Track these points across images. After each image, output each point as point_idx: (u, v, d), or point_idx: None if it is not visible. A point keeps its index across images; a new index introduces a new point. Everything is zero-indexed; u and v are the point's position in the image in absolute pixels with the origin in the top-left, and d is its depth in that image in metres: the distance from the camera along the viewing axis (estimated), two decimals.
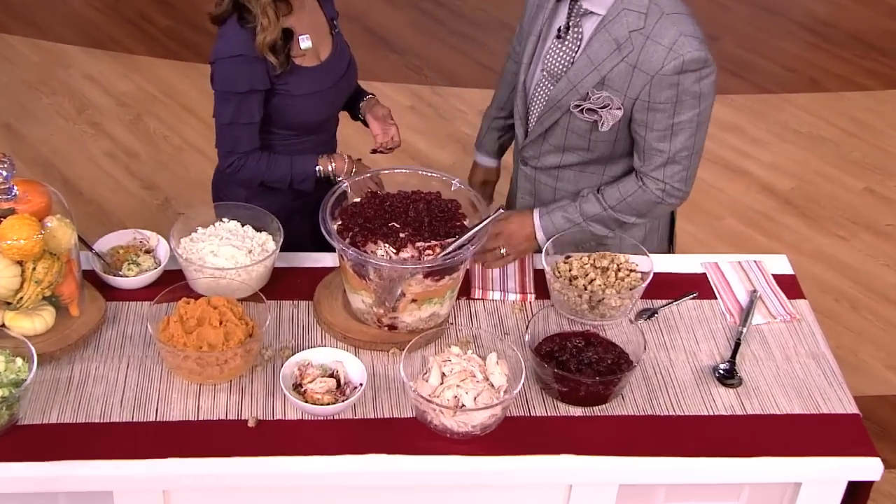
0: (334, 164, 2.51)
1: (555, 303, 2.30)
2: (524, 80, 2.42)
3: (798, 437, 2.08)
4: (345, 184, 2.29)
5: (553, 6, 2.35)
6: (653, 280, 2.30)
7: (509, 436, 2.04)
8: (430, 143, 4.68)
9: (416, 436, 2.03)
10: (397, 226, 2.20)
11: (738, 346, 2.27)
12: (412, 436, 2.03)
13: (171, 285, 2.19)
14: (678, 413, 2.12)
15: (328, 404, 2.04)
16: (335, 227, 2.20)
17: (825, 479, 2.07)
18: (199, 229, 2.37)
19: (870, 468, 2.05)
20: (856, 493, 2.11)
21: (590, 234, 2.39)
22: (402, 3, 5.75)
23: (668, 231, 2.63)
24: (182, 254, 2.29)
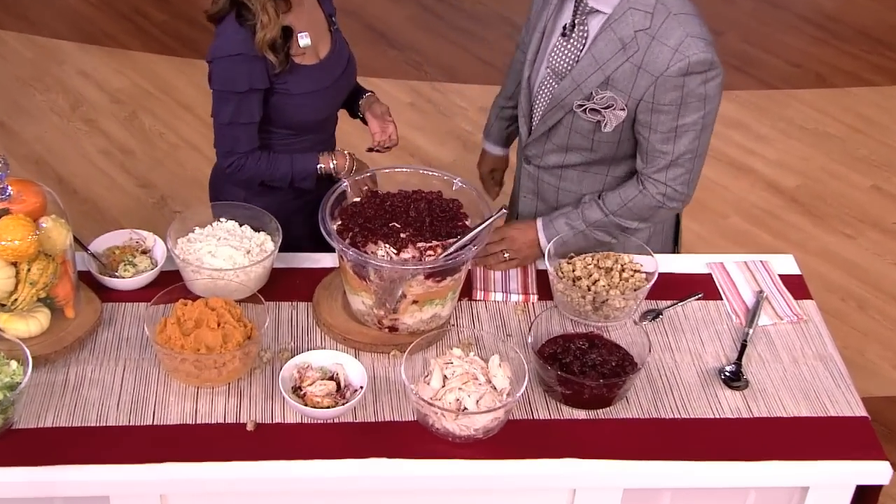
0: (335, 162, 2.51)
1: (558, 304, 2.30)
2: (529, 77, 2.42)
3: (805, 440, 2.08)
4: (344, 183, 2.29)
5: (558, 2, 2.34)
6: (657, 280, 2.30)
7: (512, 439, 2.04)
8: (429, 140, 4.68)
9: (418, 439, 2.03)
10: (398, 226, 2.20)
11: (744, 347, 2.27)
12: (413, 439, 2.03)
13: (168, 286, 2.19)
14: (683, 416, 2.12)
15: (328, 407, 2.04)
16: (335, 228, 2.20)
17: (833, 483, 2.07)
18: (197, 229, 2.37)
19: (879, 472, 2.05)
20: (864, 498, 2.11)
21: (594, 240, 2.39)
22: None
23: (674, 231, 2.63)
24: (179, 254, 2.29)
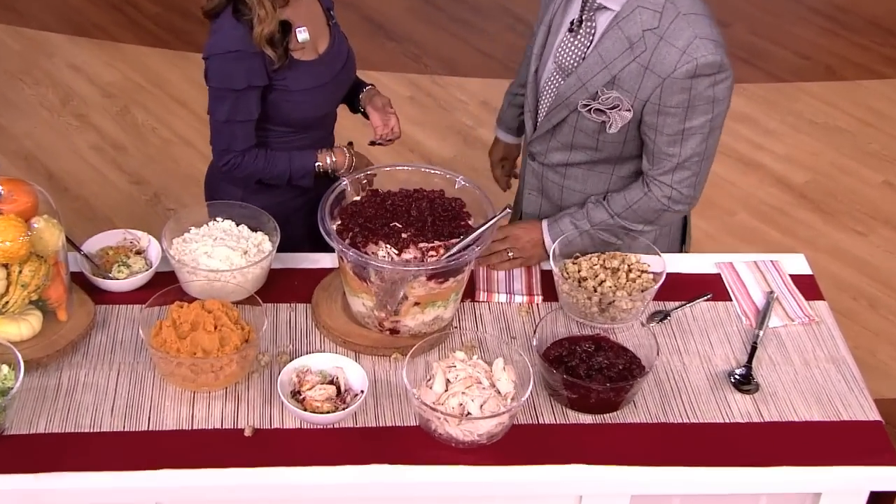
0: (334, 159, 2.51)
1: (563, 305, 2.30)
2: (535, 71, 2.42)
3: (817, 445, 2.08)
4: (344, 182, 2.28)
5: None
6: (665, 281, 2.29)
7: (517, 445, 2.04)
8: (429, 135, 4.68)
9: (420, 445, 2.03)
10: (399, 226, 2.20)
11: (754, 350, 2.26)
12: (415, 445, 2.03)
13: (164, 288, 2.19)
14: (692, 420, 2.11)
15: (328, 412, 2.04)
16: (334, 228, 2.19)
17: (846, 489, 2.08)
18: (192, 229, 2.36)
19: (893, 478, 2.05)
20: None
21: (599, 241, 2.39)
22: None
23: (681, 230, 2.63)
24: (174, 255, 2.29)
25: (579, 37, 2.30)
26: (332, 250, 2.29)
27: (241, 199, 2.45)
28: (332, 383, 2.10)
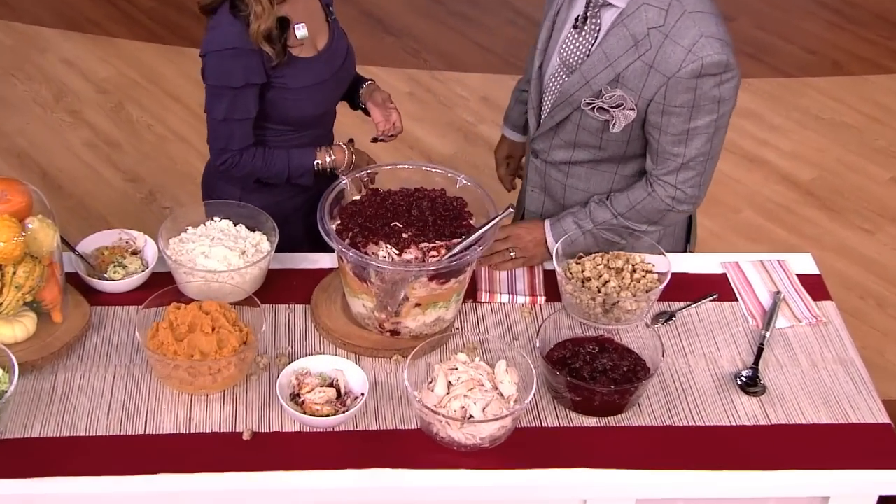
0: (334, 156, 2.51)
1: (566, 306, 2.30)
2: (539, 67, 2.42)
3: (826, 448, 2.08)
4: (343, 181, 2.28)
5: None
6: (670, 281, 2.30)
7: (520, 448, 2.04)
8: (429, 131, 4.68)
9: (422, 449, 2.03)
10: (400, 225, 2.20)
11: (761, 351, 2.27)
12: (417, 449, 2.03)
13: (160, 289, 2.19)
14: (698, 423, 2.12)
15: (328, 416, 2.04)
16: (334, 227, 2.19)
17: (854, 492, 2.08)
18: (189, 229, 2.36)
19: None
20: None
21: (603, 240, 2.39)
22: None
23: (686, 229, 2.63)
24: (171, 255, 2.29)
25: (584, 33, 2.30)
26: (331, 250, 2.29)
27: (239, 198, 2.45)
28: (331, 386, 2.10)
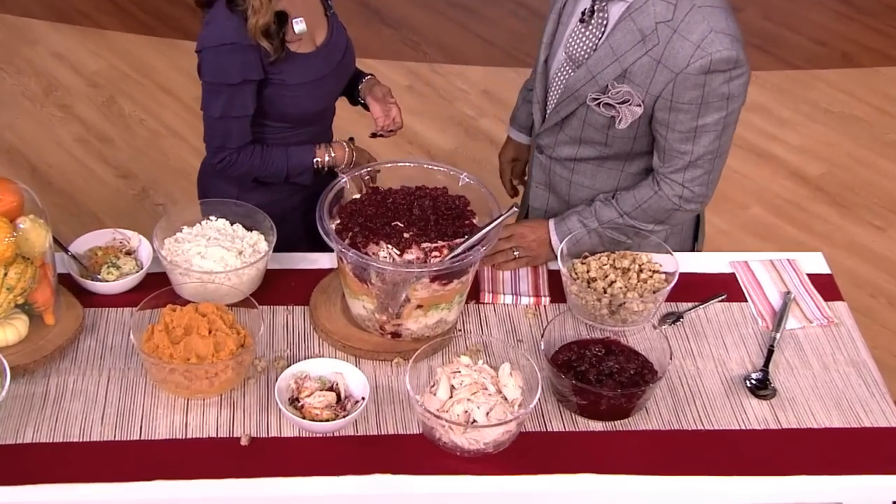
0: (333, 154, 2.51)
1: (571, 307, 2.30)
2: (545, 61, 2.42)
3: (838, 452, 2.08)
4: (343, 179, 2.28)
5: None
6: (678, 281, 2.29)
7: (524, 453, 2.04)
8: (429, 126, 4.68)
9: (424, 454, 2.03)
10: (401, 225, 2.20)
11: (771, 353, 2.27)
12: (419, 454, 2.03)
13: (155, 290, 2.19)
14: (707, 427, 2.12)
15: (328, 420, 2.04)
16: (333, 227, 2.19)
17: (867, 498, 2.08)
18: (185, 228, 2.36)
19: None
20: None
21: (609, 240, 2.39)
22: None
23: (694, 227, 2.63)
24: (166, 255, 2.29)
25: (590, 27, 2.29)
26: (330, 250, 2.28)
27: (236, 196, 2.45)
28: (331, 389, 2.10)
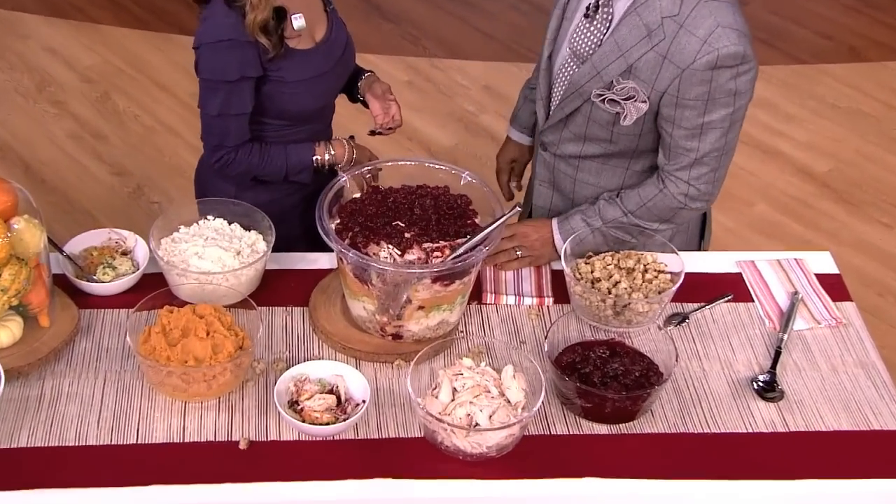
0: (333, 152, 2.51)
1: (575, 308, 2.30)
2: (549, 57, 2.42)
3: (846, 456, 2.08)
4: (343, 178, 2.28)
5: None
6: (683, 281, 2.30)
7: (528, 457, 2.04)
8: (428, 122, 4.68)
9: (425, 458, 2.03)
10: (402, 225, 2.20)
11: (778, 354, 2.27)
12: (421, 458, 2.03)
13: (152, 291, 2.19)
14: (713, 430, 2.12)
15: (327, 424, 2.04)
16: (333, 227, 2.19)
17: (877, 503, 2.07)
18: (182, 228, 2.36)
19: None
20: None
21: (613, 239, 2.39)
22: None
23: (700, 225, 2.63)
24: (163, 256, 2.29)
25: (595, 22, 2.29)
26: (330, 249, 2.29)
27: (234, 195, 2.45)
28: (331, 392, 2.10)
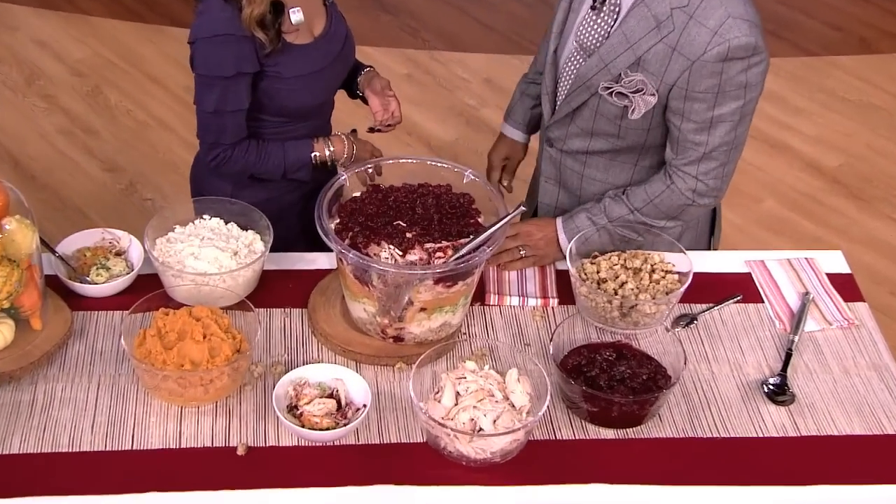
0: (333, 148, 2.51)
1: (581, 309, 2.30)
2: (555, 50, 2.42)
3: (859, 461, 2.09)
4: (343, 177, 2.28)
5: None
6: (692, 282, 2.30)
7: (533, 463, 2.04)
8: (428, 116, 4.68)
9: (428, 464, 2.03)
10: (403, 224, 2.20)
11: (789, 356, 2.27)
12: (423, 464, 2.03)
13: (147, 293, 2.18)
14: (722, 435, 2.12)
15: (327, 429, 2.04)
16: (333, 227, 2.19)
17: None
18: (177, 228, 2.36)
19: None
20: None
21: (619, 238, 2.39)
22: None
23: (710, 223, 2.63)
24: (158, 256, 2.29)
25: (602, 14, 2.29)
26: (329, 249, 2.28)
27: (231, 194, 2.45)
28: (331, 397, 2.10)
